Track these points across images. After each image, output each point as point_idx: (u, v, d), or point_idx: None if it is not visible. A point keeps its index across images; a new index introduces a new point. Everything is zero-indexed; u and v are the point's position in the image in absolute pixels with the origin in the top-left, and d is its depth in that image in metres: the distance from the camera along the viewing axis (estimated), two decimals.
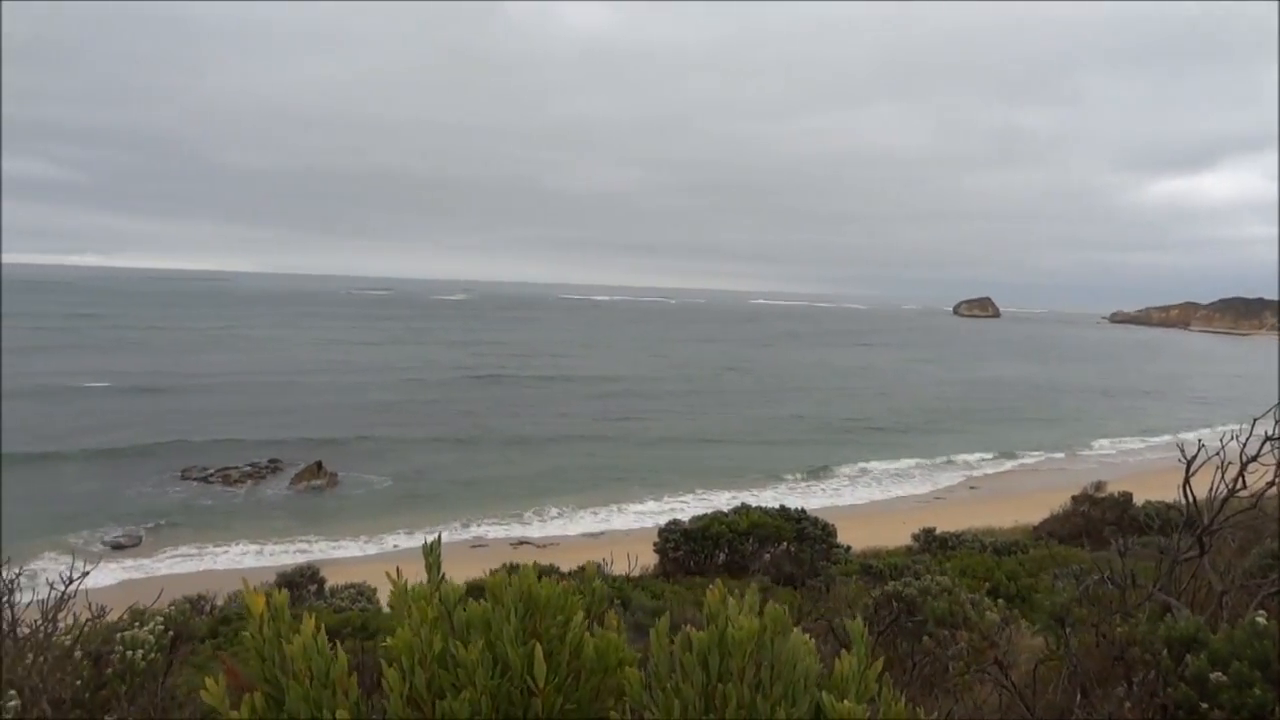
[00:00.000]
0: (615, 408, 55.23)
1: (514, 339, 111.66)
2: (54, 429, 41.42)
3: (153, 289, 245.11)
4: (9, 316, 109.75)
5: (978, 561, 13.76)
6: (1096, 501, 20.21)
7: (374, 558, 26.04)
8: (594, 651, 1.92)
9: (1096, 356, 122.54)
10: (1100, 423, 55.56)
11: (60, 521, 28.09)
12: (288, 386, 59.25)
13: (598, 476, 37.06)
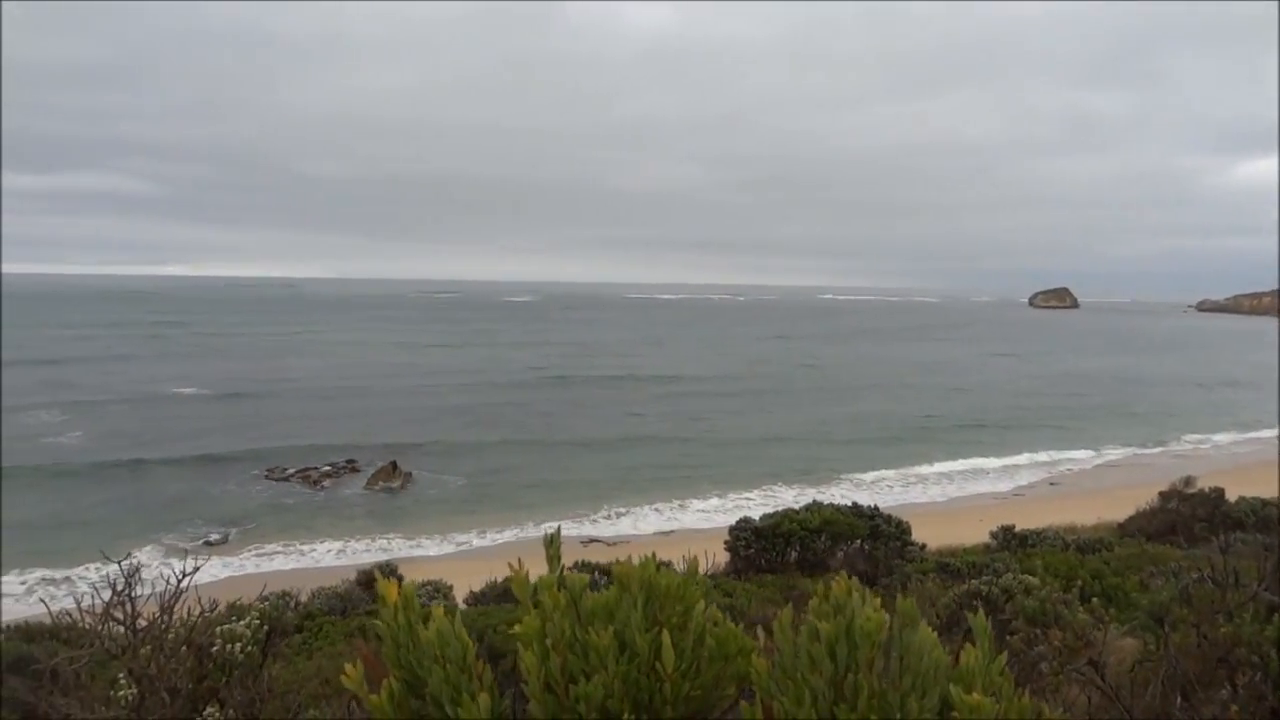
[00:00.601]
0: (683, 407, 55.03)
1: (581, 339, 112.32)
2: (148, 434, 43.38)
3: (233, 296, 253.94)
4: (103, 326, 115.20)
5: (1060, 560, 13.35)
6: (1186, 497, 19.44)
7: (449, 556, 26.55)
8: (714, 640, 1.94)
9: (1183, 346, 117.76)
10: (1188, 416, 53.36)
11: (153, 522, 29.37)
12: (362, 389, 60.76)
13: (667, 475, 37.06)
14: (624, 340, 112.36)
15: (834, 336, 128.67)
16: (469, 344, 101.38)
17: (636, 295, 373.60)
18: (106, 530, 28.07)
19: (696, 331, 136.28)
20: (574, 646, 1.85)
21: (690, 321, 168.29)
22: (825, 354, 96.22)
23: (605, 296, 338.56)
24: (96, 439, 42.03)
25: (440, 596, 12.49)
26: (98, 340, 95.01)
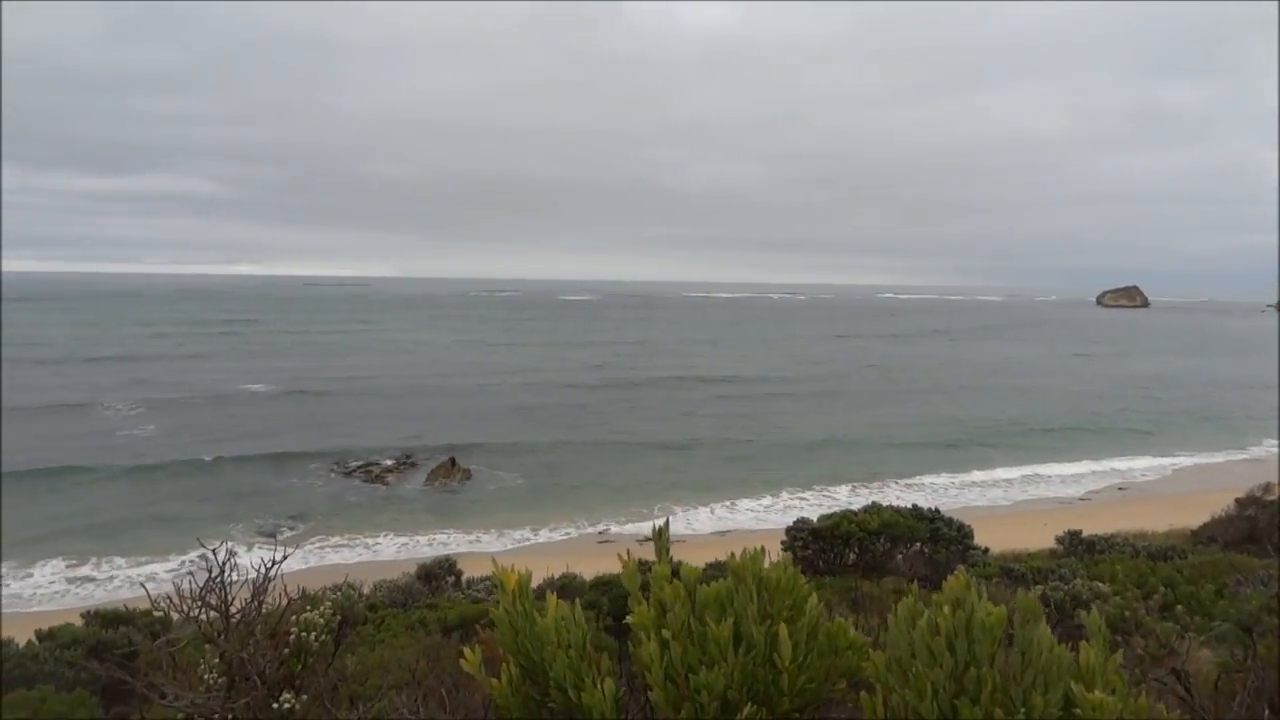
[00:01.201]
0: (740, 408, 54.63)
1: (639, 337, 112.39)
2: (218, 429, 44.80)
3: (300, 295, 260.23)
4: (176, 324, 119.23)
5: (1129, 566, 12.94)
6: (1265, 504, 18.68)
7: (507, 551, 26.87)
8: (825, 634, 1.96)
9: (1260, 348, 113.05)
10: (1266, 420, 51.26)
11: (222, 514, 30.29)
12: (424, 387, 61.79)
13: (722, 475, 36.95)
14: (682, 339, 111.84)
15: (894, 336, 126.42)
16: (528, 343, 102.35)
17: (694, 294, 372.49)
18: (177, 522, 29.11)
19: (754, 331, 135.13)
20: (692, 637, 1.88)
21: (748, 320, 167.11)
22: (886, 354, 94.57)
23: (663, 295, 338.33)
24: (170, 434, 43.48)
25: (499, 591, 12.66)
26: (172, 338, 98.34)
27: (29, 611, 21.19)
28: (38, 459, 35.79)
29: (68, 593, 23.30)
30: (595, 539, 28.78)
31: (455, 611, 9.14)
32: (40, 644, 9.41)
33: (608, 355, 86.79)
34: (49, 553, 25.69)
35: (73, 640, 9.39)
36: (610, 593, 10.67)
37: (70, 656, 9.05)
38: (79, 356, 75.44)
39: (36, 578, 24.21)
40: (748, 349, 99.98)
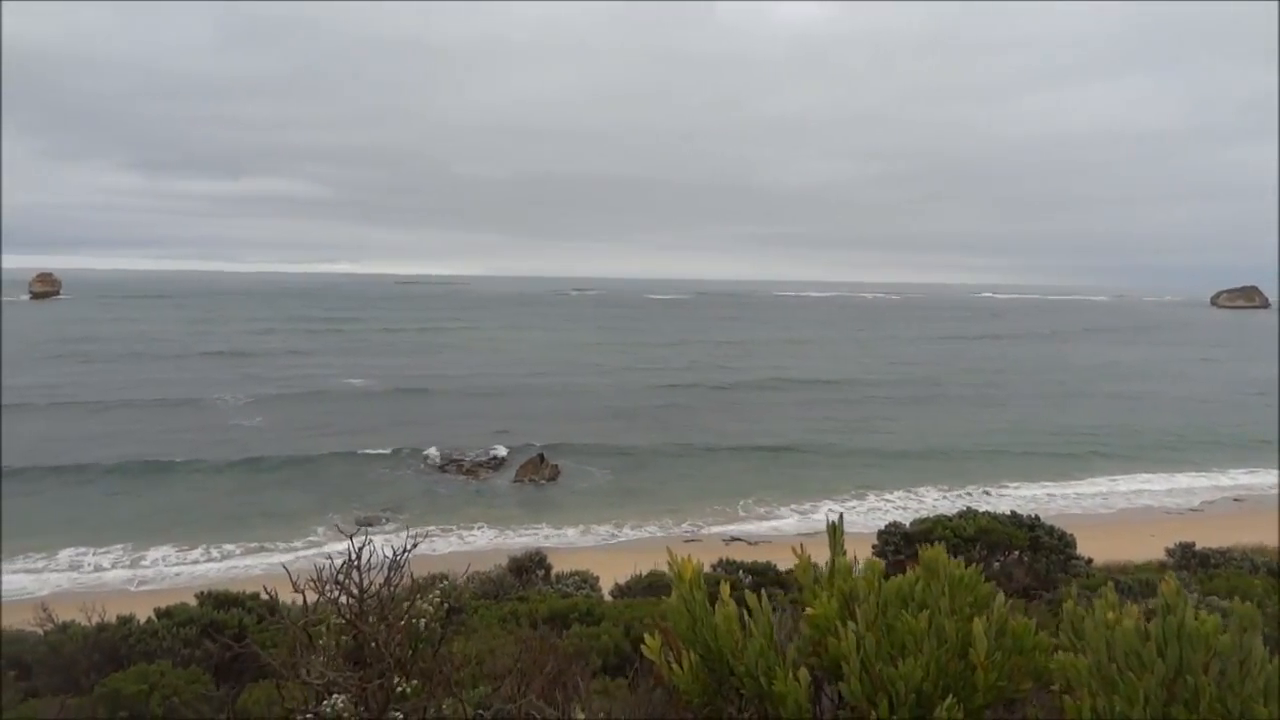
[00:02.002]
0: (832, 411, 53.55)
1: (728, 338, 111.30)
2: (319, 423, 46.68)
3: (396, 293, 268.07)
4: (281, 321, 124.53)
5: (1247, 583, 12.23)
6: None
7: (593, 548, 27.12)
8: (1012, 633, 1.94)
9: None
10: None
11: (322, 504, 31.47)
12: (514, 384, 62.93)
13: (812, 478, 36.46)
14: (772, 340, 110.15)
15: (994, 338, 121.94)
16: (616, 341, 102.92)
17: (785, 293, 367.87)
18: (280, 512, 30.47)
19: (847, 331, 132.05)
20: (884, 629, 1.89)
21: (840, 320, 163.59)
22: (984, 357, 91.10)
23: (753, 294, 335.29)
24: (275, 427, 45.48)
25: (587, 586, 12.79)
26: (277, 334, 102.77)
27: (145, 590, 22.50)
28: (155, 451, 37.89)
29: (179, 575, 24.57)
30: (682, 538, 28.80)
31: (546, 605, 9.28)
32: (159, 621, 9.96)
33: (696, 355, 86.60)
34: (161, 539, 27.20)
35: (188, 619, 9.91)
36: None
37: (186, 634, 9.55)
38: (193, 351, 79.44)
39: (149, 559, 25.68)
40: (839, 350, 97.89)
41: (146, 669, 8.26)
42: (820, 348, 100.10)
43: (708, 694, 1.94)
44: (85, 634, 9.82)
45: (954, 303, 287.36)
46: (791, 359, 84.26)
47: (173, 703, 7.53)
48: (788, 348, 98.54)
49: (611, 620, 8.70)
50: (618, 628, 8.45)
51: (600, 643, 7.02)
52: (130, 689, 7.76)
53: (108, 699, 7.76)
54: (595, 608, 9.45)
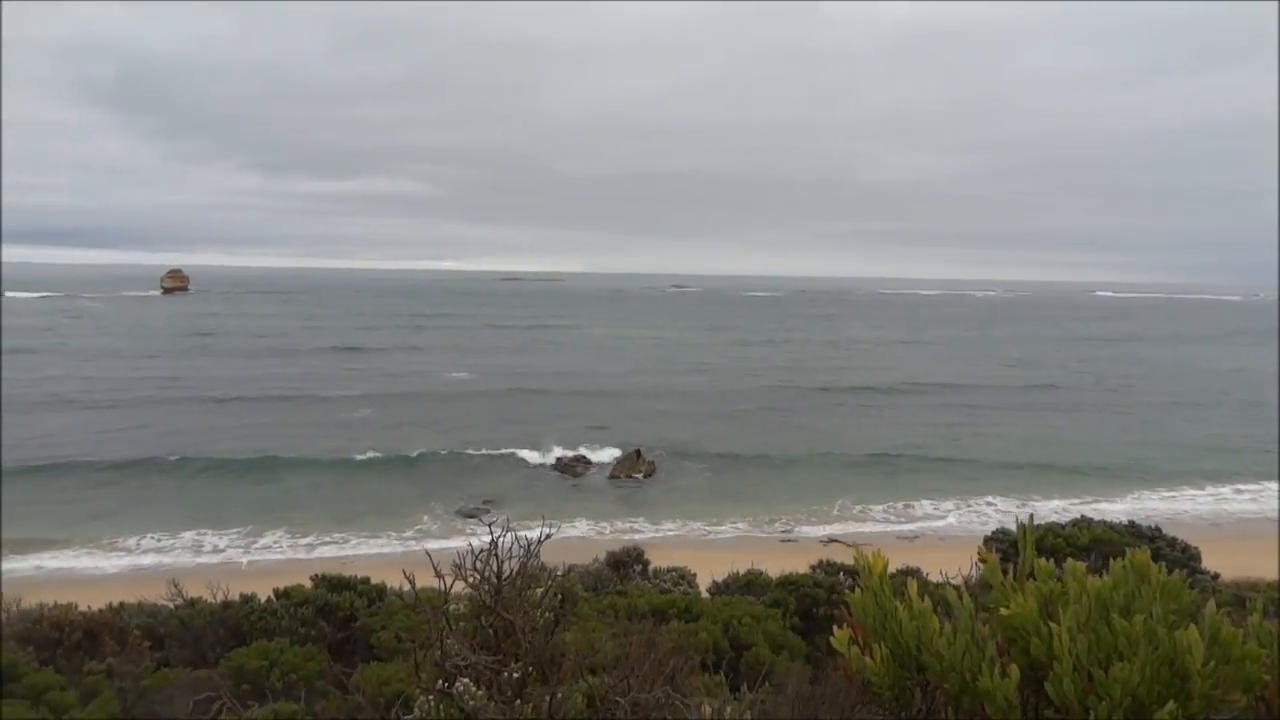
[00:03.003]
0: (937, 415, 51.66)
1: (830, 337, 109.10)
2: (424, 416, 48.23)
3: (500, 289, 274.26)
4: (390, 317, 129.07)
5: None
6: None
7: (690, 544, 27.13)
8: (1222, 642, 1.91)
9: None
10: None
11: (425, 495, 32.48)
12: (612, 381, 63.54)
13: (912, 483, 35.57)
14: (875, 340, 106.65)
15: (1114, 340, 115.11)
16: (714, 341, 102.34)
17: (889, 290, 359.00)
18: (386, 501, 31.63)
19: (956, 331, 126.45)
20: (1094, 632, 1.89)
21: (948, 320, 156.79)
22: (1105, 359, 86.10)
23: (855, 292, 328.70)
24: (383, 420, 47.21)
25: (685, 583, 12.82)
26: (385, 330, 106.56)
27: (260, 571, 23.70)
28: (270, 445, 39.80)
29: (291, 559, 25.78)
30: (778, 538, 28.58)
31: (645, 600, 9.35)
32: (278, 601, 10.47)
33: (797, 355, 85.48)
34: (275, 524, 28.66)
35: (304, 600, 10.39)
36: (797, 591, 10.55)
37: (303, 615, 10.02)
38: (308, 347, 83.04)
39: (263, 543, 27.09)
40: (948, 351, 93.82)
41: (267, 645, 8.70)
42: (927, 348, 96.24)
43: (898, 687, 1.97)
44: (211, 610, 10.41)
45: (1067, 301, 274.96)
46: (896, 360, 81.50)
47: (291, 679, 7.91)
48: (892, 348, 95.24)
49: (710, 617, 8.71)
50: (716, 625, 8.45)
51: (699, 639, 7.04)
52: (253, 664, 8.18)
53: (232, 672, 8.21)
54: (693, 604, 9.47)
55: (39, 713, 6.75)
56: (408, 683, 7.00)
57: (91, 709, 7.00)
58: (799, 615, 10.17)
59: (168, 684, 8.02)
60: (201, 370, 63.36)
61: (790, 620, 9.76)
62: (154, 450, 37.42)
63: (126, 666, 8.33)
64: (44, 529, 27.53)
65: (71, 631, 9.12)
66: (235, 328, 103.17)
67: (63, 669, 8.17)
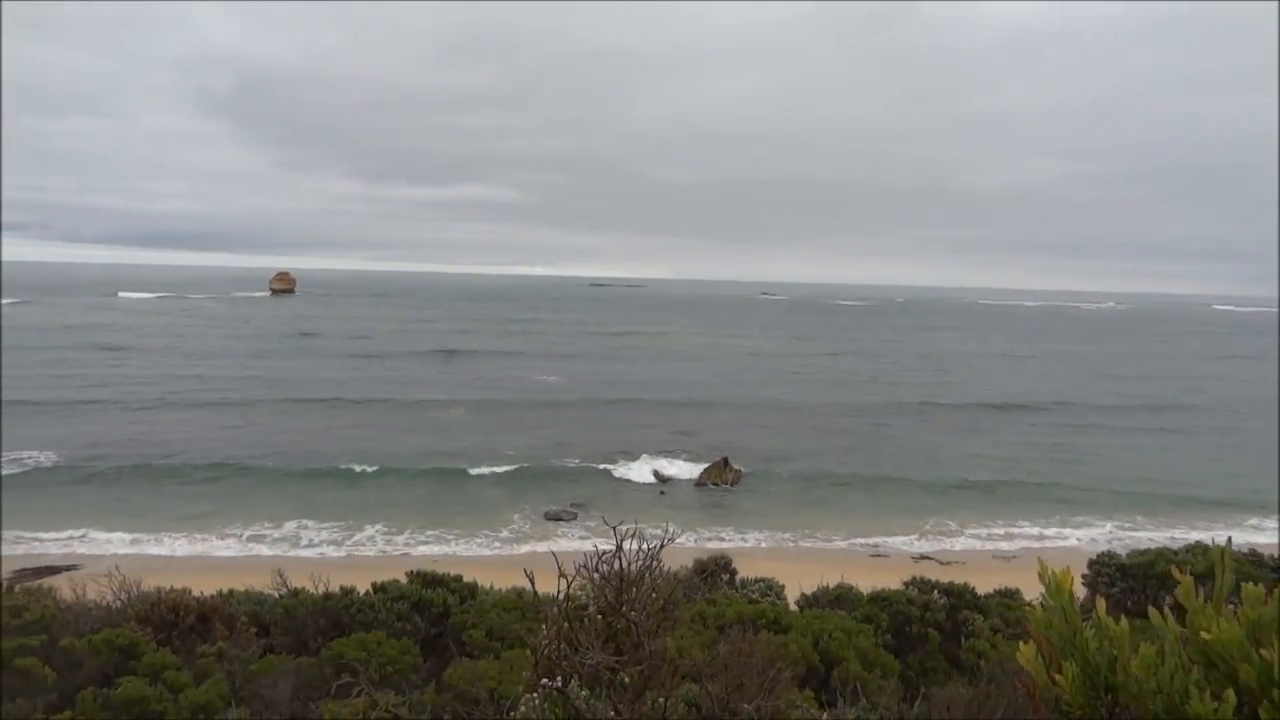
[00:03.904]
0: (1041, 435, 49.27)
1: (925, 350, 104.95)
2: (515, 419, 49.08)
3: (589, 295, 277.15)
4: (482, 321, 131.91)
5: None
6: None
7: (776, 555, 26.86)
8: None
9: None
10: None
11: (515, 498, 33.04)
12: (701, 388, 63.46)
13: (1009, 503, 34.32)
14: (973, 353, 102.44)
15: (1236, 357, 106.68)
16: (804, 352, 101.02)
17: (989, 301, 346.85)
18: (475, 502, 32.32)
19: (1062, 345, 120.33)
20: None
21: (1056, 333, 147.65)
22: (1229, 379, 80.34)
23: (953, 302, 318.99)
24: (474, 422, 48.29)
25: (773, 594, 12.68)
26: (479, 334, 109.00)
27: (356, 565, 24.50)
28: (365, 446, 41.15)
29: (386, 555, 26.57)
30: (867, 553, 28.04)
31: (733, 609, 9.30)
32: (375, 595, 10.80)
33: (889, 367, 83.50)
34: (373, 519, 29.66)
35: (400, 595, 10.69)
36: (889, 608, 10.31)
37: (398, 609, 10.31)
38: (406, 350, 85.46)
39: (357, 539, 28.08)
40: (1051, 366, 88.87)
41: (365, 637, 8.98)
42: (1031, 364, 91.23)
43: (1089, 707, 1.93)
44: (313, 600, 10.81)
45: (1185, 315, 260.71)
46: (996, 376, 78.18)
47: (387, 670, 8.14)
48: (993, 362, 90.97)
49: (799, 630, 8.59)
50: (805, 638, 8.33)
51: (789, 651, 6.96)
52: (352, 654, 8.46)
53: (332, 661, 8.51)
54: (782, 616, 9.36)
55: (157, 690, 7.13)
56: (499, 680, 7.13)
57: (204, 689, 7.35)
58: (891, 633, 9.95)
59: (273, 669, 8.36)
60: (305, 371, 65.93)
61: (882, 638, 9.55)
62: (258, 449, 39.08)
63: (235, 651, 8.73)
64: (160, 520, 29.19)
65: (186, 615, 9.61)
66: (337, 330, 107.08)
67: (178, 650, 8.62)
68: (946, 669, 9.39)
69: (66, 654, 7.90)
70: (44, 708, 6.84)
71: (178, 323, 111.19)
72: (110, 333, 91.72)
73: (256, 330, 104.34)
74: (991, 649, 8.62)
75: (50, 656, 7.79)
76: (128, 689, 7.05)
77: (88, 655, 7.92)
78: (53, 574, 22.91)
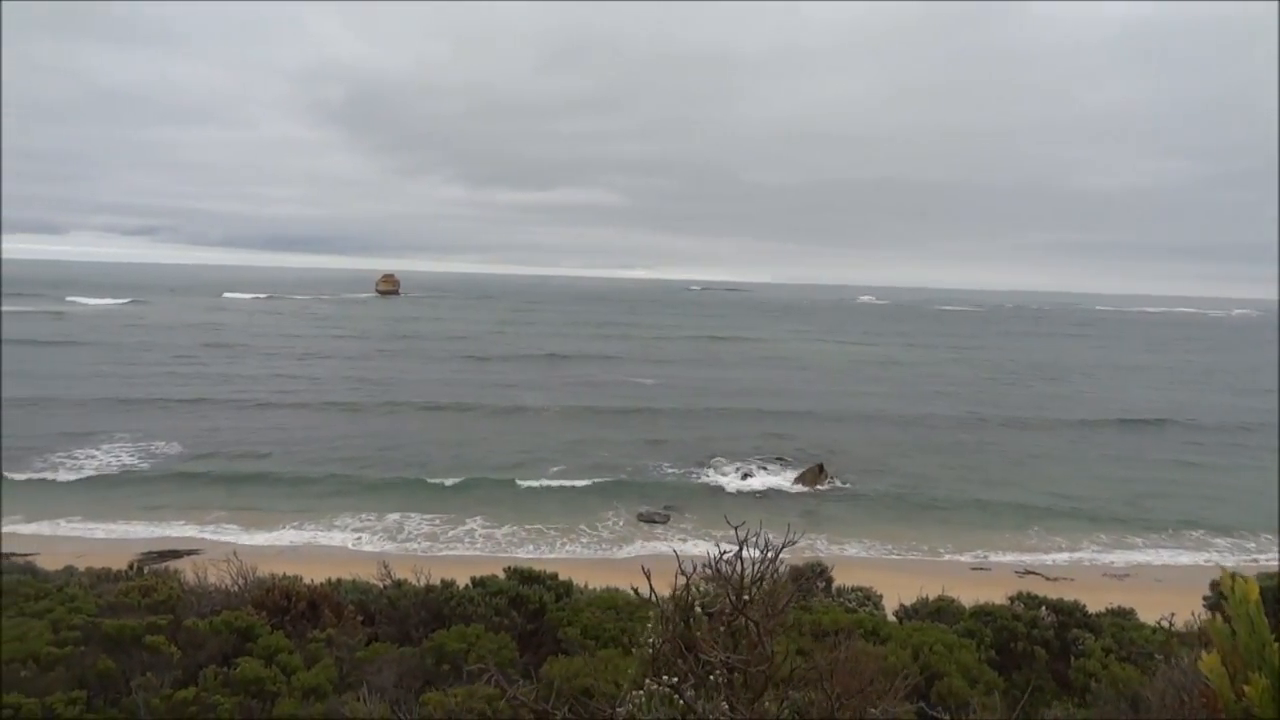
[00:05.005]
0: (1163, 452, 46.61)
1: (1038, 359, 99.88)
2: (611, 422, 49.54)
3: (689, 299, 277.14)
4: (590, 325, 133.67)
5: None
6: None
7: (873, 563, 26.34)
8: None
9: None
10: None
11: (609, 498, 33.35)
12: (799, 394, 62.77)
13: (1123, 522, 32.68)
14: (1092, 363, 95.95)
15: None
16: (907, 359, 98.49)
17: (1108, 307, 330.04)
18: (570, 502, 32.75)
19: (1188, 355, 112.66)
20: None
21: (1181, 342, 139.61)
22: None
23: (1067, 308, 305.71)
24: (570, 423, 49.01)
25: (870, 604, 12.43)
26: (578, 338, 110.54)
27: (455, 557, 25.17)
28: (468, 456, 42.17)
29: (483, 552, 27.21)
30: (968, 564, 27.19)
31: (829, 617, 9.16)
32: (474, 589, 11.06)
33: (996, 376, 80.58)
34: (470, 515, 30.51)
35: (498, 590, 10.91)
36: (993, 623, 9.97)
37: (496, 604, 10.53)
38: (502, 354, 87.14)
39: (458, 531, 28.86)
40: (1174, 378, 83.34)
41: (465, 630, 9.21)
42: (1153, 375, 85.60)
43: None
44: (415, 592, 11.14)
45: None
46: (1115, 387, 73.98)
47: (486, 664, 8.32)
48: (1112, 374, 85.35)
49: (898, 642, 8.40)
50: (905, 650, 8.14)
51: (888, 663, 6.80)
52: (452, 646, 8.69)
53: (433, 652, 8.76)
54: (880, 627, 9.17)
55: (272, 671, 7.48)
56: (595, 678, 7.21)
57: (314, 672, 7.67)
58: (995, 649, 9.62)
59: (377, 657, 8.65)
60: (406, 373, 67.83)
61: (986, 653, 9.25)
62: (363, 449, 40.38)
63: (343, 637, 9.07)
64: (270, 510, 30.70)
65: (297, 601, 10.03)
66: (439, 331, 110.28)
67: (290, 634, 9.01)
68: (1054, 689, 9.02)
69: (190, 633, 8.36)
70: (170, 684, 7.26)
71: (284, 323, 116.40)
72: (219, 332, 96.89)
73: (361, 330, 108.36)
74: (1104, 670, 8.23)
75: (175, 635, 8.26)
76: (245, 669, 7.42)
77: (209, 635, 8.36)
78: (175, 557, 24.33)
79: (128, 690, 7.19)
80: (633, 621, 10.10)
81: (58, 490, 32.04)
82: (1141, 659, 8.89)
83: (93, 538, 27.10)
